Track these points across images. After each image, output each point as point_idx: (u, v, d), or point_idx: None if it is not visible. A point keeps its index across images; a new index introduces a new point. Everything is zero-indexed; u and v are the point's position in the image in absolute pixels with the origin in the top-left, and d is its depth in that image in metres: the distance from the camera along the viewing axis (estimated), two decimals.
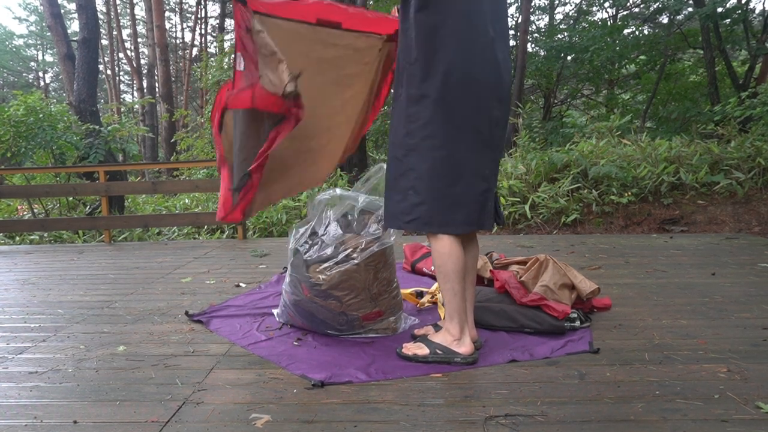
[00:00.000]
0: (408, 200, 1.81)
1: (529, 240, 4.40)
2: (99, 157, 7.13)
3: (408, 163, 1.80)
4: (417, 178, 1.79)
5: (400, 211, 1.84)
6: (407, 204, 1.82)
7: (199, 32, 23.50)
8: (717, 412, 1.51)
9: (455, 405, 1.59)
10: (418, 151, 1.78)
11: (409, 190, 1.81)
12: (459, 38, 1.71)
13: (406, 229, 1.86)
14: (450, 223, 1.79)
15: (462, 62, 1.71)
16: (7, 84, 31.49)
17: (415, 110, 1.77)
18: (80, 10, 7.68)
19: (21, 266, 3.95)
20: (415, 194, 1.79)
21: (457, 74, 1.71)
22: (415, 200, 1.80)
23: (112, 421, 1.55)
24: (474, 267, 1.95)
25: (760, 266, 3.20)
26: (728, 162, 5.69)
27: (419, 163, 1.78)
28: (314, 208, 2.23)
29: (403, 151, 1.81)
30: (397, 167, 1.84)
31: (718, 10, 8.64)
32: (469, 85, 1.73)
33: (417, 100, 1.76)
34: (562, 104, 14.77)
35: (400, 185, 1.83)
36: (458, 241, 1.81)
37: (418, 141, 1.77)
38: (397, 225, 1.87)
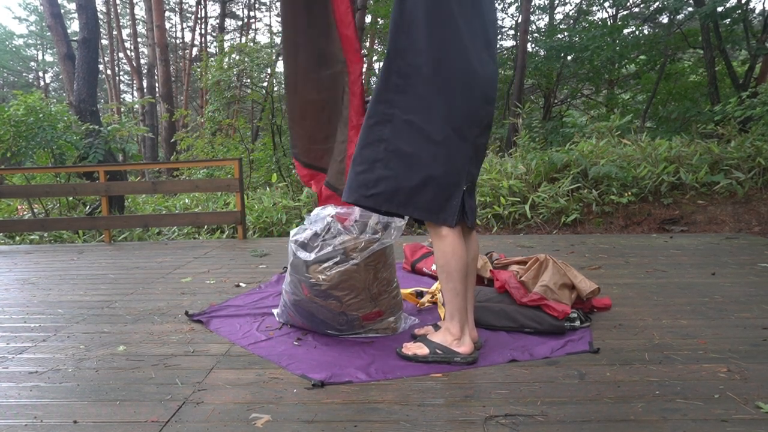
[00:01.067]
0: (374, 172, 1.73)
1: (529, 240, 4.40)
2: (99, 156, 7.13)
3: (380, 132, 1.73)
4: (388, 150, 1.72)
5: (362, 183, 1.74)
6: (372, 176, 1.73)
7: (199, 32, 23.51)
8: (717, 412, 1.51)
9: (455, 405, 1.59)
10: (394, 123, 1.72)
11: (377, 162, 1.73)
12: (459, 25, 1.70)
13: (364, 204, 1.77)
14: (410, 205, 1.74)
15: (461, 49, 1.70)
16: (7, 84, 31.50)
17: (402, 82, 1.72)
18: (80, 10, 7.68)
19: (21, 266, 3.95)
20: (384, 167, 1.72)
21: (456, 61, 1.70)
22: (382, 173, 1.72)
23: (112, 421, 1.55)
24: (474, 267, 1.95)
25: (760, 266, 3.20)
26: (728, 162, 5.69)
27: (395, 137, 1.72)
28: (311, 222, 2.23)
29: (377, 118, 1.74)
30: (367, 135, 1.76)
31: (717, 10, 8.64)
32: (464, 74, 1.71)
33: (408, 74, 1.72)
34: (562, 104, 14.78)
35: (367, 155, 1.75)
36: (462, 241, 1.81)
37: (398, 112, 1.72)
38: (354, 198, 1.77)
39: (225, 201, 7.11)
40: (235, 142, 10.27)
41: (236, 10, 25.93)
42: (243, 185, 5.00)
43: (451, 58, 1.70)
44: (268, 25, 26.61)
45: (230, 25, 27.03)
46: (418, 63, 1.71)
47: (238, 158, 5.38)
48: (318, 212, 2.23)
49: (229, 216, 5.22)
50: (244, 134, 10.61)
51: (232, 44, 12.55)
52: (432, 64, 1.70)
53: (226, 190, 6.31)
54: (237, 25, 27.00)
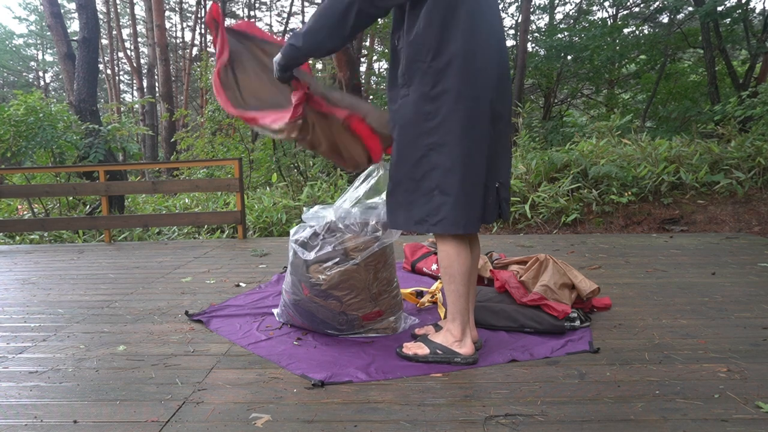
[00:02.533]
0: (434, 201, 1.76)
1: (529, 240, 4.40)
2: (99, 156, 7.13)
3: (430, 163, 1.75)
4: (442, 176, 1.74)
5: (427, 213, 1.77)
6: (433, 205, 1.76)
7: (199, 32, 23.49)
8: (717, 411, 1.51)
9: (455, 405, 1.59)
10: (437, 150, 1.74)
11: (434, 190, 1.76)
12: (469, 34, 1.71)
13: (433, 231, 1.80)
14: (470, 221, 1.77)
15: (473, 57, 1.72)
16: (7, 84, 31.50)
17: (432, 107, 1.74)
18: (80, 9, 7.68)
19: (21, 266, 3.95)
20: (441, 194, 1.75)
21: (472, 69, 1.71)
22: (440, 200, 1.75)
23: (112, 421, 1.55)
24: (476, 268, 1.95)
25: (760, 266, 3.20)
26: (728, 161, 5.69)
27: (443, 161, 1.74)
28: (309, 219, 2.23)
29: (422, 151, 1.76)
30: (417, 169, 1.78)
31: (717, 9, 8.64)
32: (480, 80, 1.73)
33: (434, 98, 1.73)
34: (562, 104, 14.77)
35: (424, 187, 1.77)
36: (466, 243, 1.81)
37: (438, 139, 1.74)
38: (424, 228, 1.81)
39: (225, 201, 7.11)
40: (235, 142, 10.26)
41: (236, 10, 25.94)
42: (243, 185, 5.00)
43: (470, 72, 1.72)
44: (268, 25, 26.60)
45: (230, 25, 27.00)
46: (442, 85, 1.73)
47: (238, 158, 5.38)
48: (317, 210, 2.23)
49: (229, 216, 5.22)
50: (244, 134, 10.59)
51: None
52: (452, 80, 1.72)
53: (226, 190, 6.31)
54: None
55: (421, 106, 1.75)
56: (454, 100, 1.72)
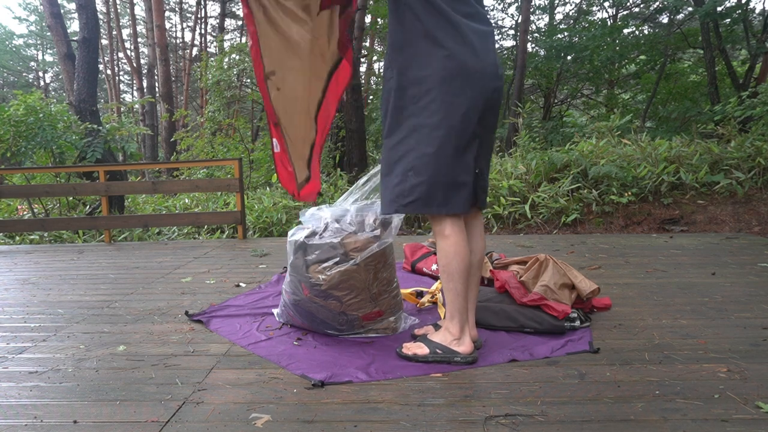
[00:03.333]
0: (407, 181, 1.78)
1: (529, 240, 4.40)
2: (97, 154, 7.12)
3: (408, 144, 1.78)
4: (417, 157, 1.76)
5: (398, 194, 1.80)
6: (407, 185, 1.78)
7: (199, 32, 23.50)
8: (717, 412, 1.51)
9: (455, 405, 1.59)
10: (419, 131, 1.76)
11: (409, 171, 1.78)
12: (459, 19, 1.72)
13: (404, 212, 1.82)
14: (449, 203, 1.78)
15: (462, 42, 1.72)
16: (7, 84, 31.50)
17: (416, 90, 1.76)
18: (80, 10, 7.68)
19: (21, 266, 3.95)
20: (415, 175, 1.77)
21: (459, 55, 1.72)
22: (414, 181, 1.77)
23: (112, 421, 1.55)
24: (479, 267, 1.95)
25: (760, 266, 3.20)
26: (728, 162, 5.69)
27: (420, 143, 1.76)
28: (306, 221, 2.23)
29: (404, 132, 1.79)
30: (396, 151, 1.81)
31: (717, 9, 8.64)
32: (468, 65, 1.73)
33: (419, 81, 1.76)
34: (562, 104, 14.78)
35: (398, 168, 1.80)
36: (465, 242, 1.81)
37: (421, 120, 1.76)
38: (394, 209, 1.83)
39: (225, 201, 7.12)
40: (235, 142, 10.27)
41: (236, 10, 25.92)
42: (243, 185, 5.00)
43: (454, 54, 1.72)
44: None
45: (230, 25, 27.02)
46: (427, 67, 1.74)
47: (238, 158, 5.38)
48: (313, 212, 2.23)
49: (229, 216, 5.22)
50: (244, 134, 10.60)
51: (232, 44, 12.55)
52: (440, 65, 1.73)
53: (226, 190, 6.31)
54: (237, 25, 27.00)
55: (408, 88, 1.78)
56: (440, 83, 1.73)
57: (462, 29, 1.73)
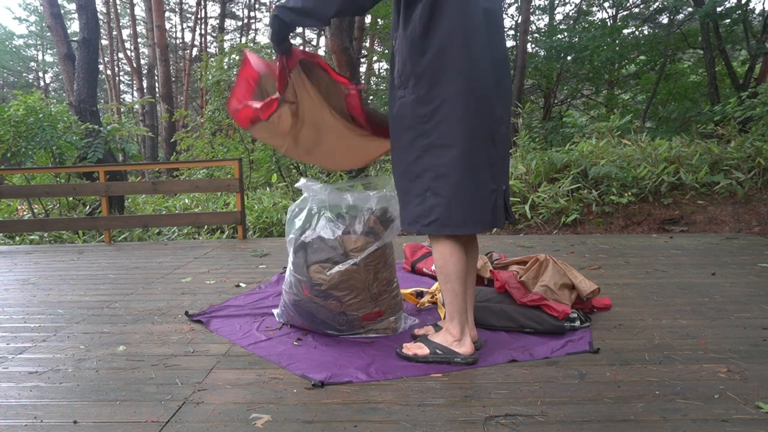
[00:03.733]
0: (426, 202, 1.78)
1: (529, 240, 4.40)
2: (98, 155, 7.12)
3: (423, 164, 1.77)
4: (434, 178, 1.76)
5: (419, 214, 1.80)
6: (426, 206, 1.78)
7: (199, 32, 23.50)
8: (717, 412, 1.51)
9: (455, 405, 1.59)
10: (432, 152, 1.76)
11: (427, 191, 1.77)
12: (465, 39, 1.70)
13: (425, 232, 1.82)
14: (467, 223, 1.77)
15: (469, 61, 1.71)
16: (7, 84, 31.49)
17: (427, 110, 1.75)
18: (80, 10, 7.68)
19: (21, 266, 3.95)
20: (433, 195, 1.76)
21: (466, 73, 1.71)
22: (433, 202, 1.77)
23: (112, 421, 1.55)
24: (474, 268, 1.95)
25: (760, 266, 3.20)
26: (728, 162, 5.69)
27: (435, 164, 1.75)
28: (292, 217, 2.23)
29: (417, 153, 1.78)
30: (411, 171, 1.80)
31: (717, 10, 8.64)
32: (477, 84, 1.73)
33: (430, 100, 1.75)
34: (562, 104, 14.77)
35: (416, 188, 1.80)
36: (460, 243, 1.81)
37: (433, 140, 1.75)
38: (416, 228, 1.83)
39: (225, 201, 7.12)
40: (235, 142, 10.26)
41: (236, 10, 25.95)
42: (243, 185, 5.00)
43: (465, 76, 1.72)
44: (267, 26, 26.58)
45: (230, 26, 27.03)
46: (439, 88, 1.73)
47: (238, 158, 5.38)
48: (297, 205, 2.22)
49: (229, 216, 5.22)
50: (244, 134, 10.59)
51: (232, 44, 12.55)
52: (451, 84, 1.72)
53: (226, 191, 6.31)
54: (237, 25, 27.02)
55: (417, 108, 1.76)
56: (451, 102, 1.72)
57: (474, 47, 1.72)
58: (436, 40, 1.71)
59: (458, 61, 1.71)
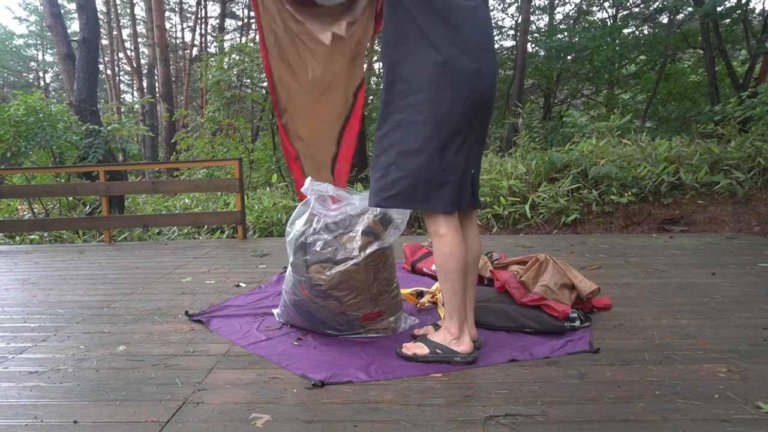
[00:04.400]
0: (389, 175, 1.79)
1: (529, 240, 4.40)
2: (98, 156, 7.13)
3: (392, 138, 1.79)
4: (400, 153, 1.77)
5: (380, 188, 1.81)
6: (388, 179, 1.79)
7: (199, 32, 23.50)
8: (717, 412, 1.51)
9: (455, 405, 1.59)
10: (403, 127, 1.77)
11: (391, 165, 1.78)
12: (449, 16, 1.72)
13: (385, 206, 1.82)
14: (429, 200, 1.77)
15: (457, 43, 1.72)
16: (7, 84, 31.50)
17: (405, 86, 1.77)
18: (80, 10, 7.68)
19: (21, 266, 3.95)
20: (397, 169, 1.77)
21: (452, 56, 1.72)
22: (396, 175, 1.77)
23: (112, 421, 1.55)
24: (475, 266, 1.95)
25: (760, 266, 3.20)
26: (728, 162, 5.69)
27: (404, 139, 1.77)
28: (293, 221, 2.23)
29: (389, 127, 1.81)
30: (381, 144, 1.83)
31: (717, 9, 8.64)
32: (460, 67, 1.73)
33: (408, 78, 1.76)
34: (562, 104, 14.77)
35: (381, 162, 1.82)
36: (460, 241, 1.81)
37: (405, 116, 1.77)
38: (375, 202, 1.83)
39: (225, 201, 7.12)
40: (235, 142, 10.27)
41: (236, 10, 25.92)
42: (243, 185, 5.00)
43: (447, 56, 1.72)
44: None
45: (230, 25, 27.02)
46: (417, 66, 1.75)
47: (238, 158, 5.38)
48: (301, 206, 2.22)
49: (229, 216, 5.22)
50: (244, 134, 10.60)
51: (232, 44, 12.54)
52: (430, 65, 1.73)
53: (226, 190, 6.31)
54: (237, 25, 27.00)
55: (397, 84, 1.79)
56: (430, 81, 1.73)
57: (460, 27, 1.72)
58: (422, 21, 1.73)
59: (439, 43, 1.72)
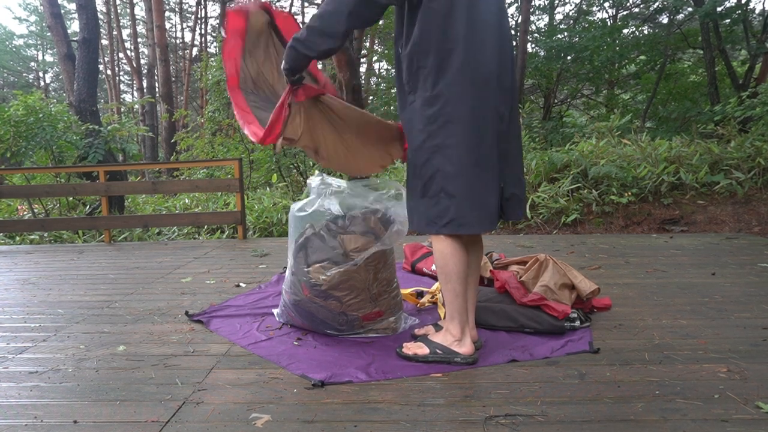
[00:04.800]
0: (441, 203, 1.78)
1: (529, 240, 4.40)
2: (98, 156, 7.13)
3: (433, 165, 1.78)
4: (445, 178, 1.77)
5: (435, 216, 1.80)
6: (441, 207, 1.79)
7: (199, 32, 23.49)
8: (717, 412, 1.51)
9: (455, 405, 1.59)
10: (441, 152, 1.76)
11: (440, 192, 1.78)
12: (468, 36, 1.71)
13: (443, 233, 1.81)
14: (482, 222, 1.78)
15: (473, 59, 1.72)
16: (7, 84, 31.49)
17: (433, 111, 1.76)
18: (80, 10, 7.68)
19: (21, 266, 3.95)
20: (447, 197, 1.77)
21: (469, 71, 1.72)
22: (447, 203, 1.77)
23: (112, 421, 1.55)
24: (477, 268, 1.95)
25: (760, 266, 3.20)
26: (728, 162, 5.69)
27: (445, 164, 1.76)
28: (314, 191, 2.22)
29: (427, 155, 1.79)
30: (422, 172, 1.81)
31: (717, 10, 8.64)
32: (480, 81, 1.73)
33: (433, 102, 1.75)
34: (562, 104, 14.77)
35: (430, 190, 1.80)
36: (461, 242, 1.81)
37: (441, 141, 1.76)
38: (434, 229, 1.83)
39: (225, 201, 7.11)
40: (235, 142, 10.26)
41: None
42: (243, 185, 5.00)
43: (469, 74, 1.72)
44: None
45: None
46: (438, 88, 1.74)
47: (238, 158, 5.38)
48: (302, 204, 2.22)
49: (229, 216, 5.22)
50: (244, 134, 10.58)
51: None
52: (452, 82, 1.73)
53: (226, 190, 6.31)
54: None
55: (425, 109, 1.77)
56: (454, 102, 1.73)
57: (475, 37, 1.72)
58: (439, 42, 1.72)
59: (460, 61, 1.71)
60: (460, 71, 1.71)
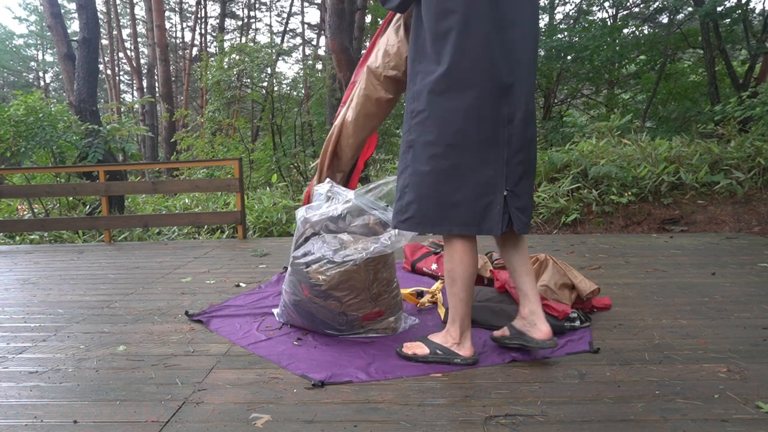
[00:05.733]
0: (404, 198, 1.79)
1: (529, 240, 4.40)
2: (98, 156, 7.12)
3: (406, 159, 1.80)
4: (412, 175, 1.77)
5: (397, 210, 1.82)
6: (403, 202, 1.80)
7: (199, 32, 23.49)
8: (717, 412, 1.51)
9: (455, 405, 1.59)
10: (414, 149, 1.77)
11: (406, 187, 1.79)
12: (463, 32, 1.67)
13: (403, 228, 1.83)
14: (443, 223, 1.74)
15: (465, 57, 1.67)
16: (7, 84, 31.49)
17: (415, 106, 1.76)
18: (80, 10, 7.68)
19: (21, 266, 3.95)
20: (410, 192, 1.77)
21: (459, 69, 1.67)
22: (409, 198, 1.77)
23: (112, 421, 1.55)
24: (526, 270, 1.86)
25: (760, 266, 3.20)
26: (728, 162, 5.69)
27: (415, 161, 1.76)
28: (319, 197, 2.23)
29: (404, 148, 1.82)
30: (399, 166, 1.84)
31: (717, 9, 8.63)
32: (471, 81, 1.68)
33: (416, 96, 1.76)
34: (562, 104, 14.76)
35: (399, 183, 1.83)
36: (472, 249, 1.80)
37: (415, 137, 1.77)
38: (394, 224, 1.85)
39: (225, 201, 7.12)
40: (235, 142, 10.27)
41: (236, 10, 25.92)
42: (243, 185, 5.00)
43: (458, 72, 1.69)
44: (268, 25, 26.61)
45: (230, 25, 27.01)
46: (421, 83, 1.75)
47: (238, 158, 5.38)
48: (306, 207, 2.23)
49: (229, 216, 5.22)
50: (244, 134, 10.60)
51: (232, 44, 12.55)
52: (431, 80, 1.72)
53: (226, 190, 6.31)
54: (237, 25, 26.99)
55: (410, 103, 1.79)
56: (438, 100, 1.70)
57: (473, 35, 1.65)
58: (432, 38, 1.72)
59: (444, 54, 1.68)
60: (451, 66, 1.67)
